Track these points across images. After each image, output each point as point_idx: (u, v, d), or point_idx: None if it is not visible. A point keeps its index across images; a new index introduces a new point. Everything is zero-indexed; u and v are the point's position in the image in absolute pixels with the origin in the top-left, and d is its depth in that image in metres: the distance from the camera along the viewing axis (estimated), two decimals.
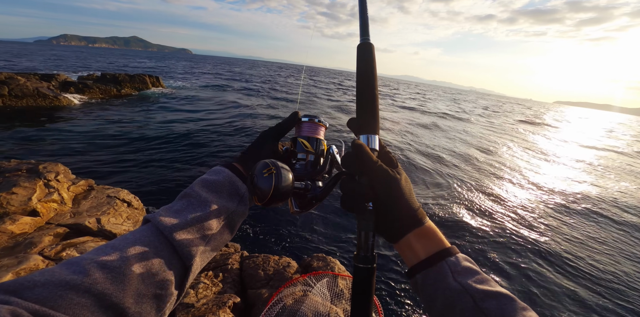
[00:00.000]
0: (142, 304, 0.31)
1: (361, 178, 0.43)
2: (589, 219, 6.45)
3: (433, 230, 0.42)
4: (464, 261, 0.39)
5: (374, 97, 0.49)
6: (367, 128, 0.47)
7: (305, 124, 0.55)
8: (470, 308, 0.34)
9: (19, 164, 2.93)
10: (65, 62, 33.91)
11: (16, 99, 10.53)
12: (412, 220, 0.42)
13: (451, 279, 0.37)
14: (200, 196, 0.43)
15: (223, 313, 1.45)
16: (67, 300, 0.26)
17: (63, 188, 2.68)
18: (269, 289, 1.71)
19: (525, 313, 0.32)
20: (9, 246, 1.93)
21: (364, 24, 0.53)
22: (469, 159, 10.03)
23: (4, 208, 2.20)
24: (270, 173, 0.40)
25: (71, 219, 2.38)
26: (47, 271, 0.28)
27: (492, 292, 0.35)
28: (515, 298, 0.35)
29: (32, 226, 2.18)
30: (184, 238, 0.37)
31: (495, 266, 4.29)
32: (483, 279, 0.37)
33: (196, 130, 9.59)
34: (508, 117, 30.03)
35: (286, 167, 0.42)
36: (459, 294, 0.35)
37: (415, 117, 18.65)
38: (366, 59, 0.51)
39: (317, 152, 0.54)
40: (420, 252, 0.41)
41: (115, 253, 0.32)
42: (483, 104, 50.26)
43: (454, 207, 6.02)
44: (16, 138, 7.20)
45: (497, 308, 0.33)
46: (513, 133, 18.50)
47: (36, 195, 2.41)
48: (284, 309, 1.37)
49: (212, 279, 1.80)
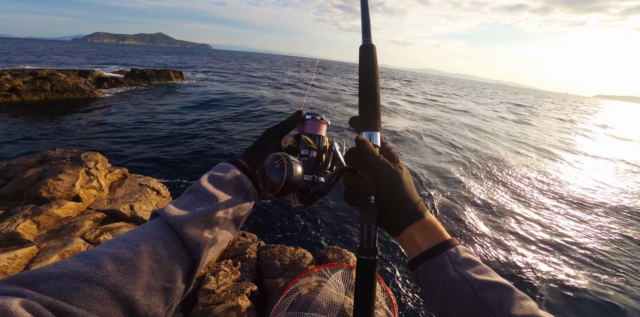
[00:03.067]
0: (152, 297, 0.32)
1: (364, 173, 0.44)
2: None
3: (433, 223, 0.43)
4: (463, 252, 0.40)
5: (375, 96, 0.50)
6: (368, 125, 0.49)
7: (308, 121, 0.57)
8: (470, 298, 0.34)
9: (64, 153, 3.22)
10: (99, 58, 36.17)
11: (58, 93, 11.47)
12: (413, 213, 0.43)
13: (452, 270, 0.38)
14: (208, 191, 0.44)
15: (241, 300, 1.53)
16: (80, 292, 0.26)
17: (101, 176, 2.92)
18: (285, 279, 1.78)
19: (523, 302, 0.33)
20: (55, 229, 2.15)
21: (365, 26, 0.55)
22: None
23: (51, 193, 2.44)
24: (282, 164, 0.41)
25: (108, 205, 2.59)
26: (62, 263, 0.29)
27: (491, 282, 0.35)
28: (513, 288, 0.35)
29: (75, 210, 2.41)
30: (192, 232, 0.38)
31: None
32: (483, 269, 0.38)
33: (221, 121, 9.96)
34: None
35: (296, 160, 0.44)
36: (459, 284, 0.36)
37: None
38: (368, 60, 0.53)
39: (319, 148, 0.56)
40: (421, 244, 0.42)
41: (126, 246, 0.33)
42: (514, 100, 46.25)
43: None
44: (57, 129, 7.89)
45: (495, 297, 0.33)
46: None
47: (79, 182, 2.64)
48: (299, 298, 1.43)
49: (231, 267, 1.90)
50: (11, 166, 2.81)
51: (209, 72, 28.41)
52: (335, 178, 0.49)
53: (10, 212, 2.21)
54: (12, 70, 11.41)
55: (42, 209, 2.22)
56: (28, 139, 6.96)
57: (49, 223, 2.19)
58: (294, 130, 0.59)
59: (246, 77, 25.83)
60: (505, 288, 0.35)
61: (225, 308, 1.46)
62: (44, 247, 1.89)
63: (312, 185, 0.50)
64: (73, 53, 44.40)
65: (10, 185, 2.51)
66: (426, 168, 7.66)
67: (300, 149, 0.56)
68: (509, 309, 0.32)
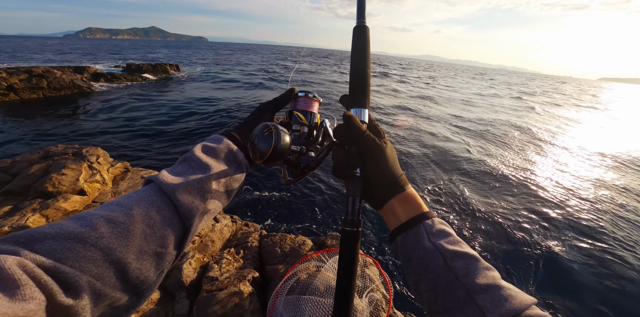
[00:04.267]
0: (143, 260, 0.32)
1: (351, 147, 0.46)
2: None
3: (413, 196, 0.45)
4: (439, 224, 0.42)
5: (365, 75, 0.52)
6: (358, 102, 0.50)
7: (301, 98, 0.58)
8: (441, 266, 0.37)
9: (66, 148, 3.26)
10: (94, 54, 35.64)
11: (55, 90, 11.41)
12: (394, 186, 0.45)
13: (426, 240, 0.40)
14: (201, 160, 0.44)
15: (243, 286, 1.60)
16: (74, 252, 0.27)
17: (104, 170, 2.98)
18: (285, 265, 1.85)
19: (488, 272, 0.36)
20: None
21: (360, 8, 0.56)
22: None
23: (56, 188, 2.51)
24: (270, 133, 0.43)
25: (112, 198, 2.66)
26: (57, 224, 0.29)
27: (461, 252, 0.38)
28: (479, 258, 0.38)
29: (81, 204, 2.48)
30: (185, 198, 0.39)
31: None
32: (454, 240, 0.40)
33: (218, 110, 9.97)
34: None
35: (284, 130, 0.45)
36: (432, 253, 0.38)
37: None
38: (361, 41, 0.54)
39: (311, 124, 0.57)
40: (401, 216, 0.44)
41: (120, 210, 0.33)
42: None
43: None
44: (58, 126, 7.92)
45: (463, 267, 0.36)
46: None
47: (82, 176, 2.70)
48: (298, 283, 1.49)
49: (233, 255, 1.97)
50: (16, 163, 2.86)
51: (206, 65, 28.06)
52: (324, 153, 0.50)
53: (19, 206, 2.28)
54: (7, 69, 11.31)
55: (50, 203, 2.29)
56: (30, 137, 7.01)
57: (57, 217, 2.26)
58: (287, 107, 0.60)
59: (244, 69, 25.49)
60: (473, 258, 0.37)
61: (228, 294, 1.54)
62: None
63: (300, 156, 0.52)
64: (66, 49, 43.74)
65: (17, 181, 2.58)
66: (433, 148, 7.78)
67: (292, 125, 0.57)
68: (474, 278, 0.34)
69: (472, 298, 0.33)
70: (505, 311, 0.31)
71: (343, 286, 0.42)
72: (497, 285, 0.34)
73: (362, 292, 1.50)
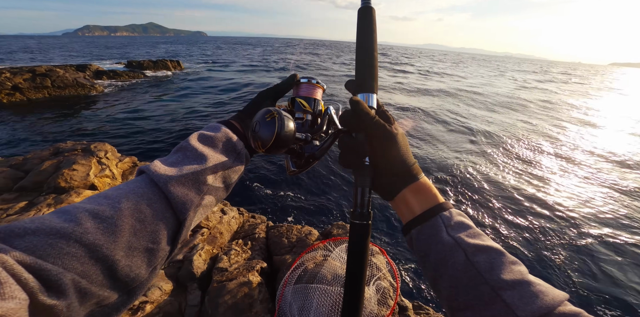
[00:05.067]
0: (133, 257, 0.31)
1: (358, 135, 0.43)
2: None
3: (428, 185, 0.42)
4: (457, 216, 0.39)
5: (372, 59, 0.48)
6: (365, 87, 0.47)
7: (304, 85, 0.55)
8: (462, 262, 0.34)
9: (75, 145, 3.32)
10: (94, 52, 35.63)
11: (59, 89, 11.51)
12: (407, 175, 0.42)
13: (444, 234, 0.37)
14: (196, 149, 0.41)
15: (252, 276, 1.64)
16: (56, 249, 0.25)
17: (112, 165, 3.03)
18: (292, 255, 1.88)
19: (514, 266, 0.33)
20: None
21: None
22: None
23: (68, 183, 2.57)
24: (273, 118, 0.39)
25: None
26: (38, 218, 0.27)
27: (483, 246, 0.35)
28: (504, 252, 0.35)
29: None
30: (178, 191, 0.36)
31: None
32: (475, 233, 0.38)
33: (221, 106, 9.97)
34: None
35: (288, 115, 0.41)
36: (451, 248, 0.36)
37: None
38: (367, 23, 0.50)
39: (314, 111, 0.54)
40: (415, 207, 0.41)
41: (107, 203, 0.31)
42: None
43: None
44: (64, 124, 8.05)
45: (486, 262, 0.33)
46: None
47: (92, 171, 2.75)
48: (306, 272, 1.52)
49: (242, 246, 2.01)
50: (27, 160, 2.93)
51: (206, 60, 27.83)
52: (330, 141, 0.47)
53: (34, 202, 2.35)
54: (11, 68, 11.41)
55: (64, 198, 2.35)
56: (39, 135, 7.16)
57: None
58: (289, 94, 0.57)
59: (245, 63, 25.22)
60: (497, 252, 0.34)
61: (238, 284, 1.58)
62: None
63: (305, 144, 0.49)
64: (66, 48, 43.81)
65: (30, 177, 2.64)
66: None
67: (295, 112, 0.54)
68: (499, 273, 0.32)
69: (498, 295, 0.31)
70: (537, 308, 0.28)
71: (353, 285, 0.40)
72: (525, 280, 0.31)
73: (370, 280, 1.52)
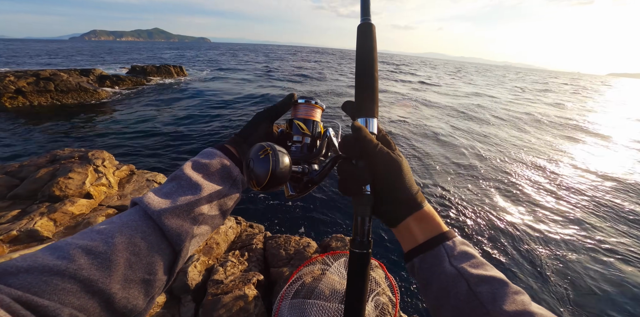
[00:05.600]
0: (130, 289, 0.31)
1: (359, 162, 0.42)
2: None
3: (431, 214, 0.42)
4: (460, 245, 0.39)
5: (373, 80, 0.47)
6: (365, 111, 0.46)
7: (302, 105, 0.54)
8: (465, 292, 0.34)
9: (72, 152, 3.30)
10: (99, 56, 36.17)
11: (62, 93, 11.58)
12: (411, 203, 0.41)
13: (447, 264, 0.37)
14: (191, 178, 0.41)
15: (248, 289, 1.60)
16: (51, 286, 0.26)
17: (109, 173, 3.00)
18: (290, 268, 1.84)
19: (517, 297, 0.33)
20: (71, 226, 2.25)
21: (365, 4, 0.50)
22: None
23: (63, 191, 2.54)
24: (266, 154, 0.39)
25: (118, 201, 2.68)
26: (30, 256, 0.28)
27: (486, 276, 0.35)
28: (507, 282, 0.35)
29: (88, 207, 2.50)
30: (172, 222, 0.36)
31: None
32: (479, 263, 0.37)
33: (223, 114, 10.02)
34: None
35: (283, 150, 0.41)
36: (454, 278, 0.36)
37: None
38: (366, 40, 0.48)
39: (313, 134, 0.53)
40: (418, 236, 0.41)
41: (100, 238, 0.32)
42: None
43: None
44: (64, 129, 8.05)
45: (489, 292, 0.33)
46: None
47: (88, 179, 2.73)
48: (303, 286, 1.49)
49: (238, 257, 1.97)
50: (23, 167, 2.91)
51: (210, 66, 28.23)
52: (329, 166, 0.46)
53: (27, 210, 2.32)
54: (15, 72, 11.53)
55: (57, 207, 2.31)
56: (38, 141, 7.15)
57: (64, 220, 2.29)
58: (287, 114, 0.56)
59: (248, 71, 25.54)
60: (500, 283, 0.34)
61: (233, 297, 1.53)
62: None
63: (303, 176, 0.48)
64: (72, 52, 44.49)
65: (25, 185, 2.61)
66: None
67: (293, 135, 0.53)
68: (502, 305, 0.32)
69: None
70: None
71: (352, 314, 0.39)
72: (527, 311, 0.31)
73: (368, 295, 1.48)
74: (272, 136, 0.54)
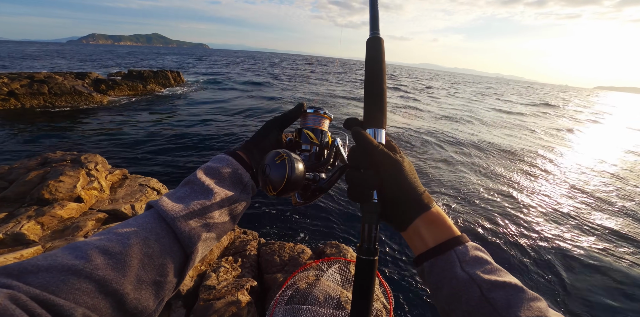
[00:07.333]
0: (142, 290, 0.32)
1: (367, 171, 0.43)
2: None
3: (441, 216, 0.42)
4: (473, 250, 0.39)
5: (381, 92, 0.48)
6: (374, 122, 0.47)
7: (311, 115, 0.55)
8: (477, 298, 0.33)
9: (64, 155, 3.26)
10: (96, 60, 36.11)
11: (56, 96, 11.45)
12: (418, 204, 0.41)
13: (459, 269, 0.36)
14: (203, 183, 0.43)
15: (241, 295, 1.57)
16: (68, 285, 0.26)
17: (102, 177, 2.96)
18: (284, 274, 1.82)
19: (533, 303, 0.32)
20: (59, 230, 2.20)
21: (374, 18, 0.52)
22: None
23: (53, 195, 2.49)
24: (282, 160, 0.40)
25: (109, 206, 2.64)
26: (50, 255, 0.29)
27: (500, 282, 0.34)
28: (523, 288, 0.34)
29: (77, 211, 2.45)
30: (185, 226, 0.38)
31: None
32: (492, 268, 0.37)
33: (218, 122, 10.00)
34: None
35: (298, 157, 0.42)
36: (465, 283, 0.35)
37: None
38: (375, 54, 0.50)
39: (321, 143, 0.54)
40: (428, 240, 0.40)
41: (117, 239, 0.33)
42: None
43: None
44: (57, 133, 7.92)
45: (503, 298, 0.32)
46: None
47: (80, 183, 2.68)
48: (297, 292, 1.47)
49: (232, 263, 1.94)
50: (13, 169, 2.85)
51: (207, 72, 28.40)
52: (337, 175, 0.48)
53: (14, 213, 2.25)
54: (9, 74, 11.39)
55: (46, 210, 2.26)
56: (29, 144, 7.00)
57: (52, 224, 2.24)
58: (296, 123, 0.57)
59: (246, 78, 25.72)
60: (515, 289, 0.33)
61: (226, 303, 1.51)
62: (49, 247, 1.93)
63: (314, 183, 0.49)
64: (69, 55, 44.31)
65: (13, 187, 2.55)
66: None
67: (301, 144, 0.54)
68: (517, 311, 0.31)
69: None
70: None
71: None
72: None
73: None
74: (281, 144, 0.55)
